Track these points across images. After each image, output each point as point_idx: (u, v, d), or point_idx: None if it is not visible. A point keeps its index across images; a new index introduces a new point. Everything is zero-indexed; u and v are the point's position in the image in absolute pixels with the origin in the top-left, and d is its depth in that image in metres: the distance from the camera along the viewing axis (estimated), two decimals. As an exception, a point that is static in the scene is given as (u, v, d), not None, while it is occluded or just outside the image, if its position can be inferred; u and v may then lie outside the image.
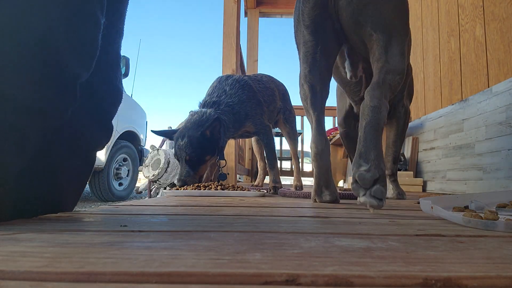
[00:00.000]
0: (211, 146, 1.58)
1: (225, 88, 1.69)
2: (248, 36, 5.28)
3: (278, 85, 2.09)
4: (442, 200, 0.80)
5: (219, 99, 1.66)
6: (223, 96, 1.66)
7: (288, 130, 2.15)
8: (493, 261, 0.32)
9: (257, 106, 1.75)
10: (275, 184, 1.71)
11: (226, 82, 1.71)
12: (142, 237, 0.42)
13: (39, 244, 0.37)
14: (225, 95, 1.66)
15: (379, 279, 0.26)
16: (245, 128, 1.73)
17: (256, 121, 1.73)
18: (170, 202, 1.03)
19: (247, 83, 1.75)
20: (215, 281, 0.26)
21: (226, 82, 1.72)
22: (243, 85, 1.72)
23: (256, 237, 0.43)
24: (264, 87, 1.91)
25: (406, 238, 0.44)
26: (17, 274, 0.26)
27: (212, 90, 1.72)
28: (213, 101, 1.66)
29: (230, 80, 1.73)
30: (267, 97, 1.89)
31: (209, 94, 1.71)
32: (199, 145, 1.56)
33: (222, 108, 1.63)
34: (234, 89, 1.68)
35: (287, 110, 2.17)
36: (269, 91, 1.94)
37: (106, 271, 0.27)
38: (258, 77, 1.95)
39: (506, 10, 1.96)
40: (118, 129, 4.10)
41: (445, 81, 2.63)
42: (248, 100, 1.70)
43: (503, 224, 0.52)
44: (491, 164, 2.00)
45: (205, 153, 1.57)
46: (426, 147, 2.85)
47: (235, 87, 1.69)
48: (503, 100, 1.93)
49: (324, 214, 0.75)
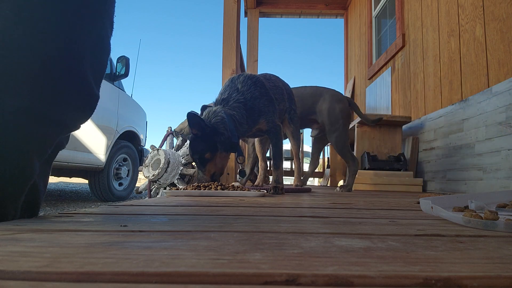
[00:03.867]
0: (210, 144, 1.57)
1: (237, 86, 1.69)
2: (248, 36, 5.28)
3: (284, 84, 2.10)
4: (442, 200, 0.80)
5: (229, 96, 1.66)
6: (234, 94, 1.66)
7: (292, 130, 2.16)
8: (493, 261, 0.32)
9: (269, 103, 1.74)
10: (277, 185, 1.69)
11: (238, 80, 1.71)
12: (142, 237, 0.42)
13: (39, 244, 0.37)
14: (236, 93, 1.66)
15: (379, 279, 0.26)
16: (259, 126, 1.71)
17: (269, 118, 1.72)
18: (170, 202, 1.03)
19: (259, 80, 1.74)
20: (215, 281, 0.26)
21: (238, 80, 1.72)
22: (255, 82, 1.71)
23: (256, 237, 0.43)
24: (274, 86, 1.90)
25: (406, 238, 0.44)
26: (17, 274, 0.26)
27: (224, 89, 1.72)
28: (222, 98, 1.67)
29: (242, 78, 1.73)
30: (277, 95, 1.89)
31: (221, 93, 1.72)
32: (197, 145, 1.56)
33: (230, 104, 1.62)
34: (246, 86, 1.68)
35: (292, 110, 2.17)
36: (278, 90, 1.94)
37: (106, 271, 0.27)
38: (267, 76, 1.95)
39: (506, 10, 1.96)
40: (118, 129, 4.09)
41: (445, 81, 2.63)
42: (261, 97, 1.69)
43: (503, 224, 0.52)
44: (491, 164, 2.00)
45: (204, 151, 1.57)
46: (426, 147, 2.85)
47: (247, 84, 1.68)
48: (503, 100, 1.93)
49: (324, 214, 0.75)
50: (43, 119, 0.59)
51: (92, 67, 0.65)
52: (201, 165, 1.59)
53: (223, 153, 1.62)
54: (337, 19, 6.13)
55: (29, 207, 0.65)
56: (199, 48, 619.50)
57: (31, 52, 0.57)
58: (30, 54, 0.57)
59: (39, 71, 0.58)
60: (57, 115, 0.62)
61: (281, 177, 1.75)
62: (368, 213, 0.77)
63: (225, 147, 1.60)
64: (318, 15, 6.04)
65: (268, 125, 1.72)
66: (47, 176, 0.72)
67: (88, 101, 0.67)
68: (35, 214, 0.68)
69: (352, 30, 5.60)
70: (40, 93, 0.58)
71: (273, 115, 1.75)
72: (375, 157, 2.90)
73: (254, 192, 1.41)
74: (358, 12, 5.25)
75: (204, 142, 1.56)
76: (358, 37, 5.23)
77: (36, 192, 0.67)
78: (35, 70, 0.57)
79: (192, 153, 1.58)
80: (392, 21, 4.00)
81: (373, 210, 0.86)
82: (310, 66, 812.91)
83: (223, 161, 1.64)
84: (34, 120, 0.58)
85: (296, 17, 6.08)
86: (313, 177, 6.08)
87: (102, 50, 0.69)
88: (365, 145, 2.98)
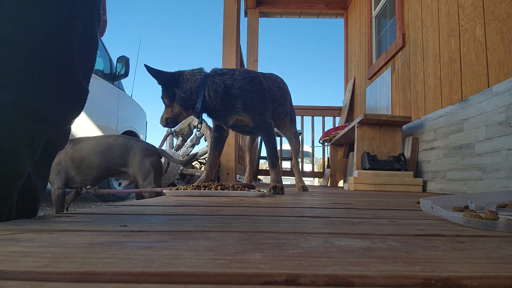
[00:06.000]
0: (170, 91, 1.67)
1: (235, 73, 1.71)
2: (248, 36, 5.28)
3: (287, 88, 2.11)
4: (442, 200, 0.80)
5: (222, 74, 1.69)
6: (227, 76, 1.68)
7: (294, 131, 2.17)
8: (493, 261, 0.32)
9: (260, 101, 1.73)
10: (276, 184, 1.68)
11: (240, 71, 1.73)
12: (142, 237, 0.42)
13: (39, 244, 0.37)
14: (229, 76, 1.68)
15: (379, 279, 0.26)
16: (241, 118, 1.69)
17: (255, 115, 1.70)
18: (170, 202, 1.03)
19: (257, 77, 1.75)
20: (215, 281, 0.26)
21: (240, 71, 1.73)
22: (252, 77, 1.71)
23: (256, 237, 0.43)
24: (278, 87, 1.90)
25: (406, 238, 0.44)
26: (17, 274, 0.26)
27: (226, 69, 1.75)
28: (217, 72, 1.70)
29: (243, 70, 1.75)
30: (278, 97, 1.88)
31: (221, 69, 1.74)
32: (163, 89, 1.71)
33: (215, 80, 1.65)
34: (241, 76, 1.69)
35: (292, 112, 2.18)
36: (282, 92, 1.94)
37: (106, 271, 0.27)
38: (273, 77, 1.94)
39: (506, 10, 1.96)
40: (118, 129, 4.09)
41: (445, 81, 2.63)
42: (252, 92, 1.69)
43: (503, 224, 0.52)
44: (491, 164, 2.00)
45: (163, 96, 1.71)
46: (426, 147, 2.85)
47: (243, 76, 1.70)
48: (503, 100, 1.93)
49: (324, 214, 0.75)
50: (30, 114, 0.58)
51: (80, 60, 0.63)
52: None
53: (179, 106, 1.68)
54: (337, 19, 6.13)
55: (27, 206, 0.65)
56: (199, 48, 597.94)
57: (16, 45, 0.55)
58: (14, 47, 0.55)
59: (24, 64, 0.56)
60: (44, 110, 0.59)
61: (280, 176, 1.73)
62: (368, 213, 0.77)
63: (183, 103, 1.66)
64: (318, 15, 6.04)
65: (254, 121, 1.70)
66: (46, 175, 0.71)
67: (77, 96, 0.64)
68: (33, 214, 0.67)
69: (352, 30, 5.60)
70: (26, 88, 0.56)
71: (262, 113, 1.73)
72: (375, 157, 2.90)
73: (254, 192, 1.41)
74: (358, 12, 5.25)
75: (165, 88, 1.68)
76: (358, 37, 5.23)
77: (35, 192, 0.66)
78: (20, 63, 0.55)
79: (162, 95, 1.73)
80: (392, 21, 4.00)
81: (373, 210, 0.86)
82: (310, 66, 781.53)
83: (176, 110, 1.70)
84: (20, 115, 0.56)
85: (296, 17, 6.08)
86: (313, 177, 6.08)
87: (90, 42, 0.67)
88: (365, 145, 2.98)
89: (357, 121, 3.03)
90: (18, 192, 0.61)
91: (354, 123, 3.13)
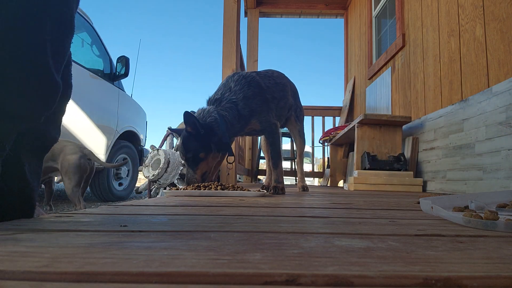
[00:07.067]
0: (204, 143, 1.57)
1: (231, 85, 1.67)
2: (248, 36, 5.28)
3: (289, 81, 2.09)
4: (442, 200, 0.80)
5: (222, 96, 1.65)
6: (227, 93, 1.65)
7: (299, 129, 2.16)
8: (493, 261, 0.32)
9: (263, 103, 1.72)
10: (277, 184, 1.68)
11: (232, 79, 1.70)
12: (142, 237, 0.42)
13: (39, 244, 0.37)
14: (229, 92, 1.65)
15: (379, 279, 0.26)
16: (251, 125, 1.70)
17: (261, 118, 1.70)
18: (170, 202, 1.03)
19: (254, 79, 1.73)
20: (215, 281, 0.26)
21: (232, 79, 1.70)
22: (249, 82, 1.70)
23: (256, 237, 0.43)
24: (275, 83, 1.88)
25: (406, 238, 0.44)
26: (17, 274, 0.26)
27: (218, 89, 1.72)
28: (215, 98, 1.66)
29: (236, 77, 1.71)
30: (277, 93, 1.86)
31: (215, 92, 1.71)
32: (191, 144, 1.56)
33: (223, 105, 1.61)
34: (239, 85, 1.66)
35: (298, 108, 2.16)
36: (279, 87, 1.91)
37: (106, 271, 0.27)
38: (269, 73, 1.92)
39: (506, 10, 1.96)
40: (118, 129, 4.10)
41: (445, 81, 2.63)
42: (254, 97, 1.67)
43: (503, 224, 0.52)
44: (491, 164, 2.00)
45: (198, 151, 1.57)
46: (426, 147, 2.85)
47: (240, 83, 1.67)
48: (503, 100, 1.93)
49: (324, 214, 0.75)
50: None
51: (52, 50, 0.55)
52: (193, 164, 1.59)
53: (216, 154, 1.62)
54: (337, 19, 6.13)
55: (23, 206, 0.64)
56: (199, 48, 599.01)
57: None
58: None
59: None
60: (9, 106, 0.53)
61: (281, 176, 1.74)
62: (368, 213, 0.77)
63: (218, 148, 1.60)
64: (318, 15, 6.04)
65: (261, 124, 1.71)
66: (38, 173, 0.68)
67: (47, 90, 0.57)
68: (30, 212, 0.65)
69: (352, 30, 5.60)
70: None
71: (267, 114, 1.74)
72: (375, 157, 2.90)
73: (254, 192, 1.41)
74: (358, 12, 5.25)
75: (198, 141, 1.56)
76: (358, 37, 5.23)
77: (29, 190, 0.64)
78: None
79: (186, 152, 1.57)
80: (392, 21, 4.00)
81: (373, 210, 0.86)
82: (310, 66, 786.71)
83: (214, 161, 1.64)
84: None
85: (296, 17, 6.08)
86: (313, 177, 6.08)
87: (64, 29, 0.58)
88: (365, 145, 2.98)
89: (357, 121, 3.03)
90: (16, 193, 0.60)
91: (354, 123, 3.13)
